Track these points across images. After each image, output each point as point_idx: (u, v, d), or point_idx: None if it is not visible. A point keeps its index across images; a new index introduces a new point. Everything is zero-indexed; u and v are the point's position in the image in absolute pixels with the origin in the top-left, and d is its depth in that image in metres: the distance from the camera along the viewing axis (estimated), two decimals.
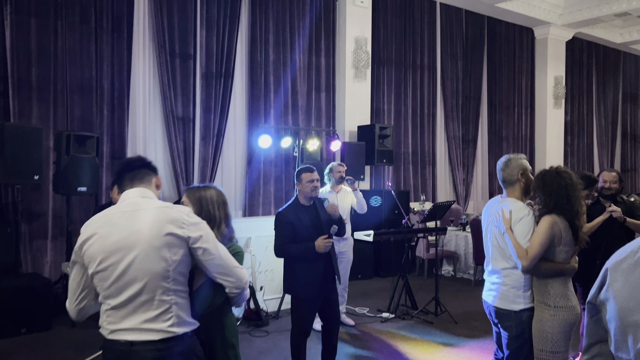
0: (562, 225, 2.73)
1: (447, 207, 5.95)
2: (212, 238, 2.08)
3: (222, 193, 2.44)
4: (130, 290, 1.94)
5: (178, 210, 2.06)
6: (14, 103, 5.74)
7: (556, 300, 2.72)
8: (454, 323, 5.51)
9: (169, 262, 1.97)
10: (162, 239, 1.97)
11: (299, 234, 3.63)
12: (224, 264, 2.09)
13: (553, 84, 11.24)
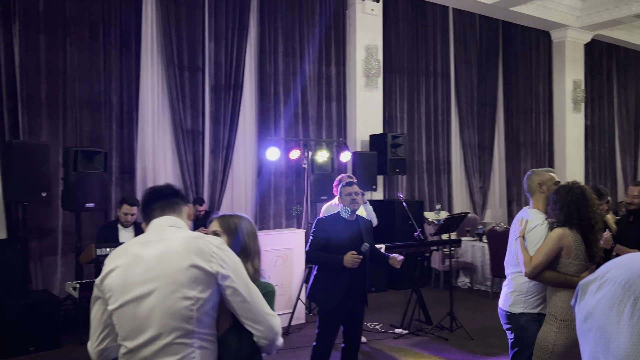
0: (573, 239, 2.76)
1: (461, 218, 5.78)
2: (244, 276, 1.83)
3: (253, 223, 2.20)
4: (148, 332, 1.72)
5: (207, 241, 1.81)
6: (23, 120, 5.76)
7: (563, 313, 2.71)
8: (470, 339, 5.32)
9: (193, 301, 1.73)
10: (187, 273, 1.73)
11: (332, 244, 3.63)
12: (254, 309, 1.81)
13: (572, 88, 10.96)
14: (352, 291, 3.61)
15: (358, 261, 3.51)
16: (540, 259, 2.76)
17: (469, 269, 7.71)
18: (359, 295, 3.70)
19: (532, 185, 3.12)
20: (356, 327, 3.74)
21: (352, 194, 3.69)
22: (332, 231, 3.64)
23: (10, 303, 4.92)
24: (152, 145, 6.71)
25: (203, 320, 1.75)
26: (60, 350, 5.03)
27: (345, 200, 3.71)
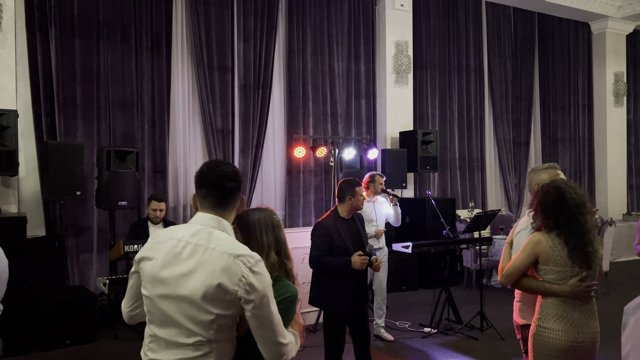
0: (550, 244, 2.52)
1: (492, 216, 5.65)
2: (267, 305, 1.77)
3: (271, 214, 2.14)
4: (171, 329, 1.78)
5: (242, 262, 1.74)
6: (59, 122, 5.96)
7: (545, 320, 2.54)
8: (501, 340, 5.20)
9: (215, 316, 1.73)
10: (213, 290, 1.72)
11: (336, 246, 3.59)
12: (266, 335, 1.80)
13: (613, 81, 10.54)
14: (358, 292, 3.62)
15: (366, 262, 3.51)
16: (511, 266, 2.61)
17: None
18: (363, 296, 3.71)
19: (531, 185, 2.98)
20: (364, 325, 3.72)
21: (364, 194, 3.94)
22: (334, 233, 3.61)
23: (47, 298, 5.11)
24: (183, 145, 6.84)
25: (223, 330, 1.78)
26: (95, 344, 5.19)
27: (359, 201, 3.76)
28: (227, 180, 1.87)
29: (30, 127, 5.89)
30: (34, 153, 5.90)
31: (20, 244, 5.05)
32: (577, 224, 2.51)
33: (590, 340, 2.49)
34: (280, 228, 2.13)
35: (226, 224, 1.87)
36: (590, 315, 2.53)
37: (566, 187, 2.56)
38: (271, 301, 1.78)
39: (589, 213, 2.55)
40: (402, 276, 7.33)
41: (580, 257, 2.50)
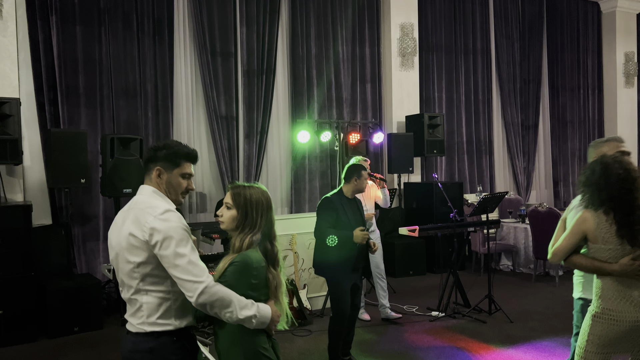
0: (597, 221, 2.45)
1: (499, 198, 5.58)
2: (172, 244, 1.94)
3: (265, 193, 2.23)
4: (122, 288, 2.10)
5: (147, 212, 1.98)
6: (63, 110, 5.94)
7: (605, 301, 2.45)
8: (509, 322, 5.15)
9: (134, 264, 1.99)
10: (126, 240, 2.00)
11: (340, 221, 3.96)
12: (177, 274, 1.93)
13: (623, 61, 10.34)
14: (358, 264, 4.01)
15: (367, 237, 3.89)
16: (559, 244, 2.58)
17: (511, 251, 7.46)
18: (364, 268, 4.14)
19: (590, 159, 2.91)
20: (356, 295, 4.10)
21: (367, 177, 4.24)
22: (340, 209, 3.98)
23: (54, 286, 5.13)
24: (187, 132, 6.80)
25: (148, 280, 1.99)
26: (103, 331, 5.21)
27: (364, 183, 4.13)
28: (145, 153, 2.25)
29: (34, 115, 5.88)
30: (38, 142, 5.90)
31: (26, 232, 5.06)
32: (625, 200, 2.41)
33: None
34: (272, 209, 2.22)
35: (146, 189, 2.13)
36: None
37: (613, 162, 2.47)
38: (180, 244, 1.94)
39: (638, 189, 2.42)
40: (410, 261, 7.29)
41: (629, 234, 2.41)
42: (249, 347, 2.05)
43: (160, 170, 2.11)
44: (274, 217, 2.22)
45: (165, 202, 2.09)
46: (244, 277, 2.04)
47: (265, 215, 2.16)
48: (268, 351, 2.08)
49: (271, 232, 2.19)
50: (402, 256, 7.19)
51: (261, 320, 2.03)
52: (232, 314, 1.95)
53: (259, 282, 2.08)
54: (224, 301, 1.94)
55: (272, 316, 2.07)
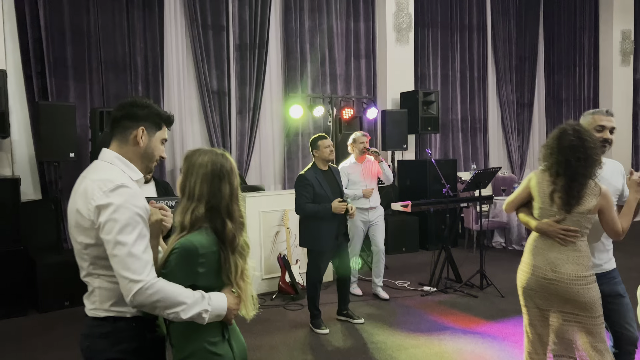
0: (538, 181, 2.62)
1: (492, 174, 5.55)
2: (115, 230, 1.63)
3: (217, 159, 1.81)
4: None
5: (99, 186, 1.67)
6: (51, 83, 5.83)
7: (525, 253, 2.67)
8: (501, 297, 5.17)
9: (82, 245, 1.72)
10: (75, 217, 1.72)
11: (317, 194, 4.23)
12: (115, 265, 1.64)
13: (620, 39, 10.24)
14: (339, 231, 4.31)
15: (345, 206, 4.18)
16: (511, 196, 2.81)
17: (504, 228, 7.47)
18: (344, 234, 4.42)
19: None
20: (344, 260, 4.44)
21: (330, 145, 4.34)
22: (314, 183, 4.23)
23: (44, 261, 5.09)
24: (179, 107, 6.70)
25: (98, 263, 1.72)
26: None
27: (324, 152, 4.32)
28: (117, 109, 1.83)
29: (21, 88, 5.77)
30: (26, 115, 5.80)
31: (15, 206, 5.01)
32: (568, 166, 2.47)
33: (562, 280, 2.46)
34: (226, 180, 1.80)
35: (108, 154, 1.81)
36: (570, 260, 2.48)
37: (570, 128, 2.52)
38: (124, 230, 1.63)
39: (586, 159, 2.44)
40: (403, 238, 7.29)
41: (561, 199, 2.49)
42: (194, 342, 1.76)
43: (144, 131, 1.81)
44: (231, 189, 1.80)
45: (124, 173, 1.77)
46: (187, 267, 1.71)
47: (208, 183, 1.76)
48: (216, 346, 1.77)
49: (221, 207, 1.77)
50: (395, 233, 7.18)
51: (215, 314, 1.73)
52: (176, 315, 1.66)
53: (208, 270, 1.74)
54: (166, 302, 1.64)
55: (228, 306, 1.76)
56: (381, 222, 5.16)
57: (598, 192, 2.47)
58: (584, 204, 2.46)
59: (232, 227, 1.77)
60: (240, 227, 1.82)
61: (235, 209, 1.81)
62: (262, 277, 5.51)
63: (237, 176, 1.85)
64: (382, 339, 4.17)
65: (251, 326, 4.48)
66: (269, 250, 5.56)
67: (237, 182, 1.83)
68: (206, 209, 1.75)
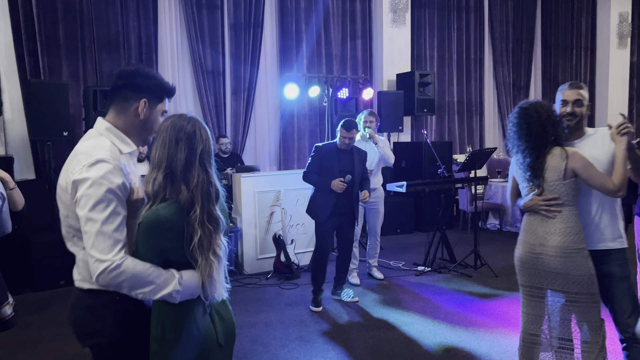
0: (514, 165, 2.70)
1: (488, 154, 5.55)
2: (89, 206, 1.57)
3: (183, 123, 1.66)
4: None
5: (78, 159, 1.63)
6: (43, 62, 5.76)
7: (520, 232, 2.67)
8: (494, 277, 5.20)
9: (63, 216, 1.71)
10: (59, 190, 1.71)
11: (324, 167, 4.32)
12: (86, 242, 1.58)
13: (617, 22, 10.20)
14: (339, 209, 4.31)
15: (343, 187, 4.21)
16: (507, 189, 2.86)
17: (499, 210, 7.50)
18: (347, 214, 4.39)
19: None
20: (346, 238, 4.49)
21: (347, 138, 4.32)
22: (325, 158, 4.32)
23: (38, 239, 5.08)
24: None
25: (79, 235, 1.68)
26: None
27: (340, 140, 4.35)
28: (118, 77, 1.76)
29: (13, 67, 5.70)
30: (19, 94, 5.74)
31: None
32: (522, 143, 2.54)
33: (548, 253, 2.47)
34: (184, 144, 1.64)
35: (100, 124, 1.76)
36: (557, 232, 2.47)
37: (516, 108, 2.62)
38: (97, 207, 1.57)
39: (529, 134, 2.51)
40: (398, 220, 7.31)
41: (531, 175, 2.54)
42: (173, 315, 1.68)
43: (146, 102, 1.74)
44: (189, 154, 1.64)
45: (113, 146, 1.71)
46: (153, 242, 1.61)
47: (165, 148, 1.63)
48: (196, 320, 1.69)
49: (177, 173, 1.63)
50: (390, 215, 7.17)
51: (188, 292, 1.64)
52: (144, 295, 1.60)
53: (178, 244, 1.63)
54: (132, 282, 1.58)
55: (202, 282, 1.66)
56: (379, 205, 5.09)
57: (565, 155, 2.46)
58: (553, 170, 2.48)
59: (187, 195, 1.62)
60: (205, 196, 1.65)
61: (194, 175, 1.64)
62: (257, 257, 5.53)
63: (204, 141, 1.68)
64: (377, 316, 4.20)
65: (247, 304, 4.51)
66: (264, 230, 5.56)
67: (201, 148, 1.67)
68: (163, 176, 1.63)
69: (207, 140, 1.69)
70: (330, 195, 4.26)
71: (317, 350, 3.59)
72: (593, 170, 2.43)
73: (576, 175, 2.46)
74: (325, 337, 3.80)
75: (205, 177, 1.66)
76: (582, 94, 2.64)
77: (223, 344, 1.75)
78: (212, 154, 1.72)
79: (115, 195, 1.61)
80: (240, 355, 3.52)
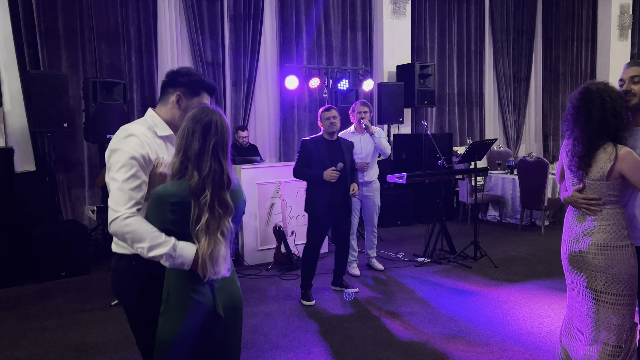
0: (564, 149, 2.55)
1: (487, 146, 5.54)
2: (110, 168, 1.87)
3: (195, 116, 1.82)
4: None
5: (117, 134, 1.95)
6: (42, 53, 5.74)
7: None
8: (494, 268, 5.22)
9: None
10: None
11: (314, 161, 4.26)
12: (109, 199, 1.86)
13: (618, 13, 10.17)
14: (334, 200, 4.27)
15: (336, 175, 4.16)
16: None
17: (499, 202, 7.51)
18: (342, 204, 4.35)
19: None
20: (343, 229, 4.44)
21: (331, 117, 4.29)
22: (313, 150, 4.27)
23: (39, 231, 5.08)
24: None
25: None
26: (89, 275, 5.22)
27: (324, 123, 4.33)
28: (164, 77, 2.07)
29: (12, 58, 5.68)
30: (18, 86, 5.72)
31: (8, 176, 4.98)
32: (579, 129, 2.36)
33: (589, 251, 2.36)
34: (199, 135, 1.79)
35: (148, 112, 2.06)
36: (597, 229, 2.35)
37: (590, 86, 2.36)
38: (120, 170, 1.84)
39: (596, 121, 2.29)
40: (398, 211, 7.32)
41: (576, 166, 2.38)
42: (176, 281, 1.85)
43: (181, 95, 2.01)
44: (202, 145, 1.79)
45: (148, 127, 1.98)
46: (158, 212, 1.80)
47: (184, 137, 1.81)
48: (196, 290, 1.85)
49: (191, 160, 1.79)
50: (390, 206, 7.20)
51: (179, 261, 1.78)
52: (142, 250, 1.79)
53: (181, 218, 1.79)
54: (134, 235, 1.79)
55: (198, 258, 1.79)
56: (374, 197, 5.07)
57: (614, 155, 2.27)
58: (597, 169, 2.32)
59: (198, 180, 1.78)
60: (217, 184, 1.81)
61: (207, 164, 1.79)
62: (257, 248, 5.54)
63: (220, 134, 1.82)
64: (377, 306, 4.22)
65: (247, 295, 4.52)
66: (264, 222, 5.57)
67: (215, 139, 1.81)
68: (180, 162, 1.82)
69: (222, 133, 1.84)
70: (325, 187, 4.22)
71: (318, 339, 3.61)
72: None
73: (623, 177, 2.30)
74: (326, 327, 3.82)
75: (217, 167, 1.81)
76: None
77: (222, 315, 1.90)
78: (227, 146, 1.86)
79: (138, 162, 1.87)
80: (241, 345, 3.53)
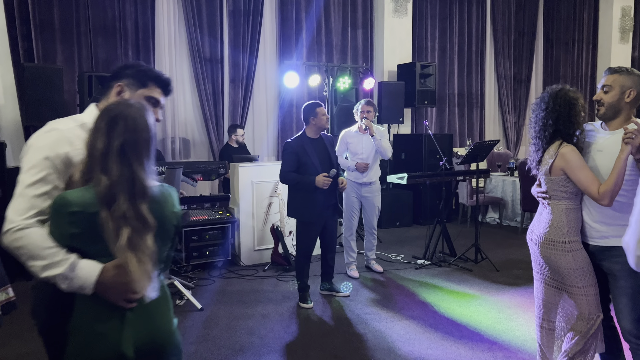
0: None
1: (490, 147, 5.46)
2: (23, 169, 1.57)
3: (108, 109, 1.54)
4: None
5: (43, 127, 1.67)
6: (37, 46, 5.63)
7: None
8: (495, 271, 5.13)
9: None
10: None
11: (303, 163, 4.02)
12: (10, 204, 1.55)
13: (619, 16, 10.11)
14: (326, 204, 4.09)
15: (329, 182, 3.97)
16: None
17: (499, 204, 7.43)
18: (332, 206, 4.17)
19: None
20: (330, 235, 4.26)
21: (326, 114, 4.15)
22: (300, 151, 4.03)
23: None
24: (170, 74, 6.50)
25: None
26: None
27: (322, 120, 4.10)
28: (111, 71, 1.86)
29: (6, 51, 5.57)
30: (12, 79, 5.60)
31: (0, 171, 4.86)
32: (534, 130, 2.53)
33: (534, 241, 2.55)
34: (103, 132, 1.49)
35: (87, 109, 1.80)
36: (543, 222, 2.52)
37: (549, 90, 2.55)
38: (29, 171, 1.56)
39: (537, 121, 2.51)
40: (397, 212, 7.23)
41: (534, 163, 2.55)
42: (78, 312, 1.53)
43: (122, 87, 1.76)
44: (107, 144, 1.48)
45: (80, 122, 1.68)
46: (57, 224, 1.47)
47: (92, 134, 1.51)
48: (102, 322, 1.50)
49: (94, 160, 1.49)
50: (389, 208, 7.11)
51: (77, 283, 1.46)
52: (35, 270, 1.47)
53: (85, 232, 1.46)
54: (27, 251, 1.48)
55: (101, 280, 1.47)
56: (374, 197, 4.95)
57: (555, 152, 2.40)
58: (543, 165, 2.48)
59: (107, 186, 1.45)
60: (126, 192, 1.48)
61: (115, 167, 1.47)
62: (254, 248, 5.44)
63: (132, 132, 1.51)
64: (377, 309, 4.13)
65: (243, 296, 4.42)
66: (261, 221, 5.47)
67: (123, 138, 1.49)
68: (86, 162, 1.50)
69: (135, 131, 1.51)
70: (316, 192, 4.00)
71: (315, 343, 3.51)
72: (580, 172, 2.33)
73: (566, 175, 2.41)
74: (324, 330, 3.72)
75: (127, 172, 1.48)
76: (613, 79, 2.38)
77: (131, 355, 1.49)
78: (142, 148, 1.53)
79: (52, 163, 1.59)
80: (237, 348, 3.43)
